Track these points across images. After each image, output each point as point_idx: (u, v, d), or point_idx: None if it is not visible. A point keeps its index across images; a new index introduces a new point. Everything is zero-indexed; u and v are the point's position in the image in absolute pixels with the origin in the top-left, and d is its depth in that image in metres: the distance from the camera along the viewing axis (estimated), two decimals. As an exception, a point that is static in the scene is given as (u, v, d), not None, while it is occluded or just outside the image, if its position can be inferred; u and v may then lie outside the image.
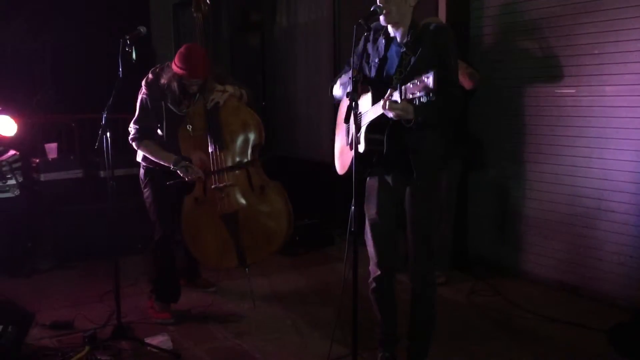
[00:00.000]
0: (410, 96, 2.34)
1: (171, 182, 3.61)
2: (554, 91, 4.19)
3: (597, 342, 3.37)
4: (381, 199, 2.86)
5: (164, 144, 3.66)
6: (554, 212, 4.27)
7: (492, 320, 3.78)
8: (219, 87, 3.62)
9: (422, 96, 2.28)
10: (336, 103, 3.10)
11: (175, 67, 3.52)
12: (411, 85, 2.33)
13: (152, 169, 3.71)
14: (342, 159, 3.03)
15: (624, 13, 3.74)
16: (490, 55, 4.60)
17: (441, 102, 2.52)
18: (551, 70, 4.19)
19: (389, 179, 2.84)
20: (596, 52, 3.91)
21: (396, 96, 2.42)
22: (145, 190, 3.76)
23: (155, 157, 3.62)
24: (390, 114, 2.50)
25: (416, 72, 2.43)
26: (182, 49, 3.54)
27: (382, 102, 2.50)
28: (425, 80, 2.24)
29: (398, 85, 2.41)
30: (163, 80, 3.57)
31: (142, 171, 3.77)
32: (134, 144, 3.67)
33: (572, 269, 4.17)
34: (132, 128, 3.66)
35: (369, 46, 2.81)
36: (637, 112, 3.75)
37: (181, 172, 3.58)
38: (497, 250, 4.69)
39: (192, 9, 3.82)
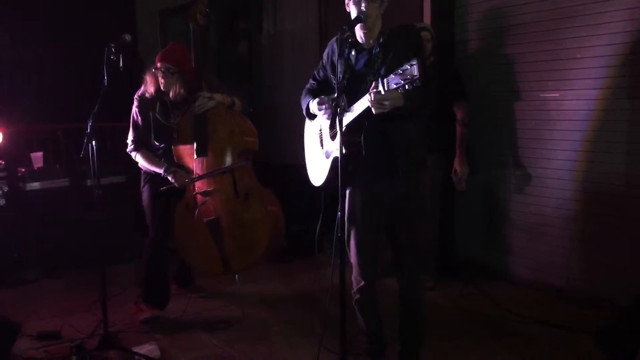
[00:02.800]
0: (394, 86, 2.36)
1: (164, 187, 3.71)
2: (538, 95, 4.23)
3: (584, 344, 3.38)
4: (364, 208, 2.85)
5: (159, 152, 3.79)
6: (540, 215, 4.30)
7: (480, 324, 3.79)
8: (206, 94, 3.64)
9: (407, 84, 2.30)
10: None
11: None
12: (394, 76, 2.36)
13: (151, 174, 3.81)
14: (317, 170, 3.04)
15: (606, 17, 3.78)
16: (475, 59, 4.64)
17: (421, 93, 2.57)
18: (536, 74, 4.22)
19: (372, 186, 2.82)
20: (579, 56, 3.95)
21: (380, 88, 2.44)
22: (143, 194, 3.85)
23: (149, 165, 3.77)
24: (378, 109, 2.49)
25: (391, 70, 2.46)
26: None
27: (367, 95, 2.50)
28: (410, 68, 2.27)
29: (379, 79, 2.43)
30: (147, 78, 3.69)
31: (142, 176, 3.88)
32: (131, 155, 3.81)
33: (560, 271, 4.19)
34: (128, 140, 3.82)
35: (336, 59, 2.79)
36: (621, 114, 3.79)
37: (171, 178, 3.69)
38: (484, 254, 4.71)
39: (189, 19, 3.81)
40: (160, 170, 3.72)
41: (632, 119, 3.75)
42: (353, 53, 2.77)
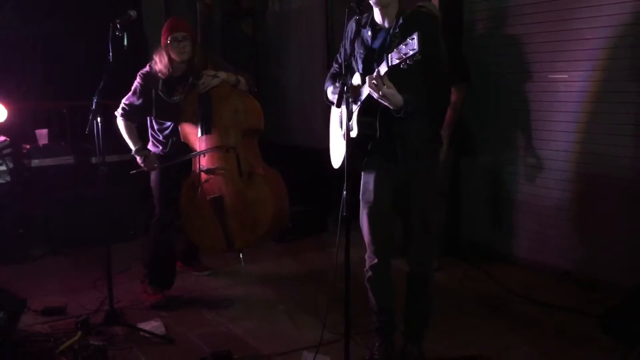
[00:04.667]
0: (396, 61, 2.34)
1: (133, 171, 3.79)
2: (546, 76, 4.19)
3: (588, 326, 3.39)
4: (377, 187, 2.84)
5: (167, 132, 3.77)
6: (546, 198, 4.28)
7: (485, 305, 3.79)
8: (210, 72, 3.63)
9: (409, 58, 2.28)
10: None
11: (162, 39, 3.62)
12: (396, 51, 2.34)
13: (159, 154, 3.80)
14: (337, 153, 3.03)
15: (617, -2, 3.73)
16: (483, 40, 4.59)
17: (432, 92, 2.61)
18: (544, 56, 4.18)
19: (385, 166, 2.81)
20: (588, 36, 3.90)
21: (383, 68, 2.43)
22: (151, 174, 3.84)
23: (126, 136, 3.78)
24: (374, 94, 2.48)
25: None
26: None
27: (367, 80, 2.49)
28: (410, 41, 2.26)
29: (384, 56, 2.41)
30: (155, 58, 3.64)
31: None
32: (117, 118, 3.79)
33: (564, 253, 4.19)
34: (121, 104, 3.78)
35: (354, 39, 2.77)
36: (629, 97, 3.75)
37: (139, 160, 3.76)
38: (489, 236, 4.71)
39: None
40: (133, 148, 3.75)
41: (641, 101, 3.72)
42: (370, 33, 2.74)
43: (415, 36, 2.24)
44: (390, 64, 2.39)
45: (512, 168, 4.50)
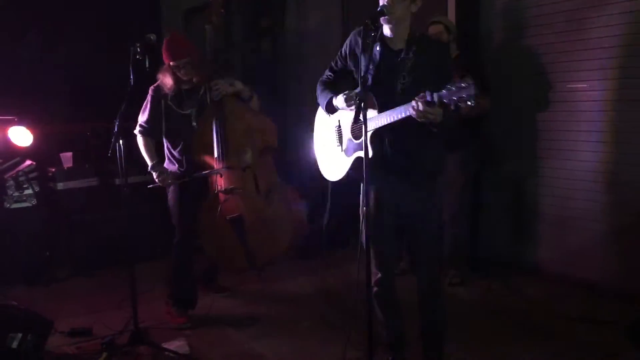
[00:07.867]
0: (446, 102, 2.35)
1: (150, 185, 3.81)
2: (565, 86, 4.16)
3: (616, 338, 3.33)
4: (378, 206, 2.84)
5: (172, 141, 3.80)
6: (570, 208, 4.23)
7: (510, 319, 3.75)
8: (228, 81, 3.68)
9: (462, 102, 2.31)
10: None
11: (164, 60, 3.67)
12: (446, 92, 2.35)
13: (176, 172, 3.81)
14: (334, 166, 3.03)
15: (635, 6, 3.70)
16: (501, 51, 4.58)
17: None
18: (562, 65, 4.16)
19: (390, 179, 2.81)
20: (607, 45, 3.87)
21: (429, 99, 2.42)
22: (169, 194, 3.86)
23: (144, 152, 3.84)
24: (421, 118, 2.47)
25: (420, 78, 2.53)
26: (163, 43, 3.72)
27: (413, 103, 2.46)
28: (466, 87, 2.28)
29: (427, 92, 2.41)
30: (159, 76, 3.71)
31: None
32: (137, 136, 3.86)
33: (589, 265, 4.12)
34: (138, 122, 3.86)
35: (359, 52, 2.78)
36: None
37: (155, 176, 3.78)
38: (513, 248, 4.65)
39: (205, 21, 3.80)
40: (149, 164, 3.80)
41: (664, 108, 3.67)
42: (378, 48, 2.73)
43: (472, 83, 2.27)
44: (436, 100, 2.39)
45: (535, 179, 4.45)
